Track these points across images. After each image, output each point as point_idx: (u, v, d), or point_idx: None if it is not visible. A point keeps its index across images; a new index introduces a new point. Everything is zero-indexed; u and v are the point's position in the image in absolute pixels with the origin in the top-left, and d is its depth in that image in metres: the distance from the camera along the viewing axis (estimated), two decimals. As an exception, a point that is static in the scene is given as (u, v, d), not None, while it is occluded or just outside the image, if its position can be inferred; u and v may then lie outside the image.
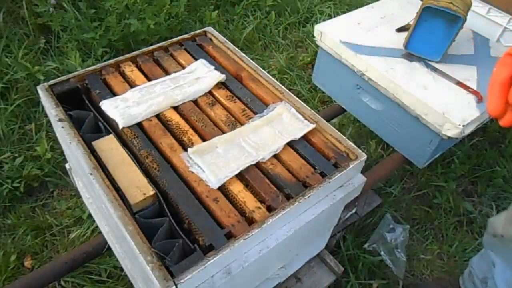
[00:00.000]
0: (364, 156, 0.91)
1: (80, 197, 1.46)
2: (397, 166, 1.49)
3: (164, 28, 2.19)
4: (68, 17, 2.06)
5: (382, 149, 1.85)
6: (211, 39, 1.20)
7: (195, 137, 0.91)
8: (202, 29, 1.21)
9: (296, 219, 0.84)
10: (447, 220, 1.66)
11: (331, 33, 1.43)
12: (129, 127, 0.92)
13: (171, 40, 1.16)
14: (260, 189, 0.83)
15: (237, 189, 0.82)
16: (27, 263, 1.39)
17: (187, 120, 0.96)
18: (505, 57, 0.62)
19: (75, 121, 0.93)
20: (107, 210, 0.77)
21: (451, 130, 1.19)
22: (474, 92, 1.27)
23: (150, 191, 0.79)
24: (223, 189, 0.82)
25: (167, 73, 1.07)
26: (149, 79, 1.04)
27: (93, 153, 0.86)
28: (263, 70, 1.08)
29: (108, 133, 0.91)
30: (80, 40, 2.07)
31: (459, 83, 1.30)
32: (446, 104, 1.22)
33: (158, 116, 0.96)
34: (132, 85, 1.03)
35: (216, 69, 1.07)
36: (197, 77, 1.04)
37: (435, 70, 1.34)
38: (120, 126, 0.91)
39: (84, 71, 1.03)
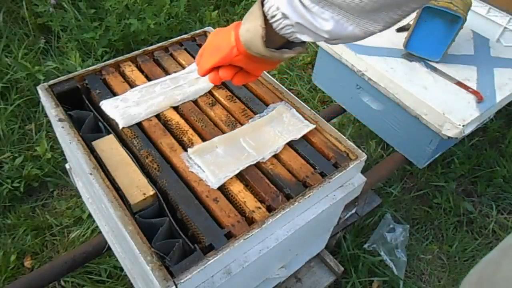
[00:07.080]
0: (364, 156, 0.91)
1: (80, 197, 1.46)
2: (397, 166, 1.49)
3: (164, 28, 2.19)
4: (68, 17, 2.06)
5: (382, 149, 1.85)
6: (211, 39, 1.20)
7: (195, 137, 0.91)
8: (202, 29, 1.21)
9: (296, 219, 0.84)
10: (447, 220, 1.66)
11: (331, 33, 1.42)
12: (129, 127, 0.92)
13: (171, 40, 1.16)
14: (260, 189, 0.83)
15: (237, 189, 0.82)
16: (27, 263, 1.39)
17: (187, 120, 0.96)
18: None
19: (75, 121, 0.93)
20: (107, 210, 0.77)
21: (451, 130, 1.19)
22: (474, 92, 1.27)
23: (150, 191, 0.79)
24: (223, 189, 0.82)
25: (167, 73, 1.07)
26: (149, 79, 1.04)
27: (93, 153, 0.86)
28: (263, 70, 1.08)
29: (108, 133, 0.91)
30: (80, 40, 2.07)
31: (459, 83, 1.30)
32: (446, 104, 1.22)
33: (158, 116, 0.96)
34: (132, 85, 1.02)
35: (216, 69, 1.07)
36: (197, 77, 1.04)
37: (435, 70, 1.34)
38: (120, 126, 0.91)
39: (84, 71, 1.03)
